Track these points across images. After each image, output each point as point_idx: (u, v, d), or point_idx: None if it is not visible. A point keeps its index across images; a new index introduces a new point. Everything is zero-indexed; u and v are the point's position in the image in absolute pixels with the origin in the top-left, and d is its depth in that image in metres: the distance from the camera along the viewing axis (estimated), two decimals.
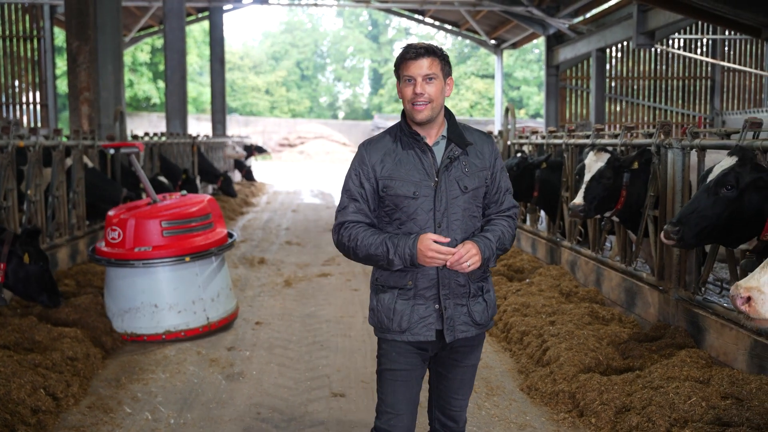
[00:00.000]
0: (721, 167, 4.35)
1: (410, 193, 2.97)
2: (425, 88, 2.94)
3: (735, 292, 2.66)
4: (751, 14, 10.59)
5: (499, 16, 23.90)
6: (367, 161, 3.04)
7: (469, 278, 3.03)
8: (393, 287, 3.04)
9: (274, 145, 48.24)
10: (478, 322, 3.07)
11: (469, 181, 3.02)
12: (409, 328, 3.01)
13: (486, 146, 3.12)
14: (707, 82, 23.35)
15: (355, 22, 62.36)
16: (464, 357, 3.14)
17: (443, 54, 3.01)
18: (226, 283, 6.90)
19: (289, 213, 16.92)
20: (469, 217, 3.03)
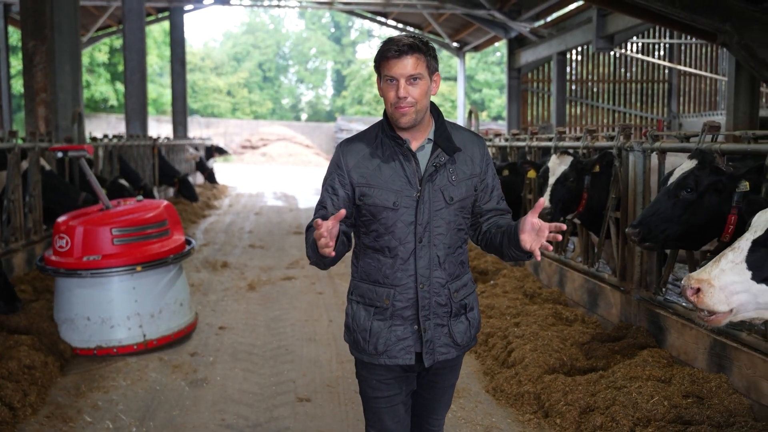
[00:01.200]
0: (682, 170, 4.42)
1: (390, 203, 2.69)
2: (409, 91, 2.63)
3: (686, 283, 2.71)
4: (707, 19, 10.81)
5: (461, 19, 24.05)
6: (343, 165, 2.76)
7: (451, 296, 2.79)
8: (369, 305, 2.78)
9: (237, 147, 47.78)
10: (459, 343, 2.83)
11: (456, 191, 2.74)
12: (386, 350, 2.76)
13: (477, 150, 2.83)
14: (665, 86, 23.80)
15: (317, 24, 62.16)
16: (443, 378, 2.94)
17: (429, 48, 2.68)
18: (181, 294, 6.54)
19: (252, 216, 16.77)
20: (454, 231, 2.77)
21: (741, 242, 2.72)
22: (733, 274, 2.65)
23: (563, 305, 6.76)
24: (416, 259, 2.72)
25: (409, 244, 2.71)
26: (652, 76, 23.83)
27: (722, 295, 2.64)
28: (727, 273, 2.66)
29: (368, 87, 56.17)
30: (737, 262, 2.67)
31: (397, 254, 2.73)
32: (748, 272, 2.65)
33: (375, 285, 2.77)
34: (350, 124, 46.97)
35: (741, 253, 2.69)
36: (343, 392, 5.23)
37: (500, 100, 49.53)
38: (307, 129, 51.36)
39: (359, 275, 2.84)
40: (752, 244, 2.69)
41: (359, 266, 2.84)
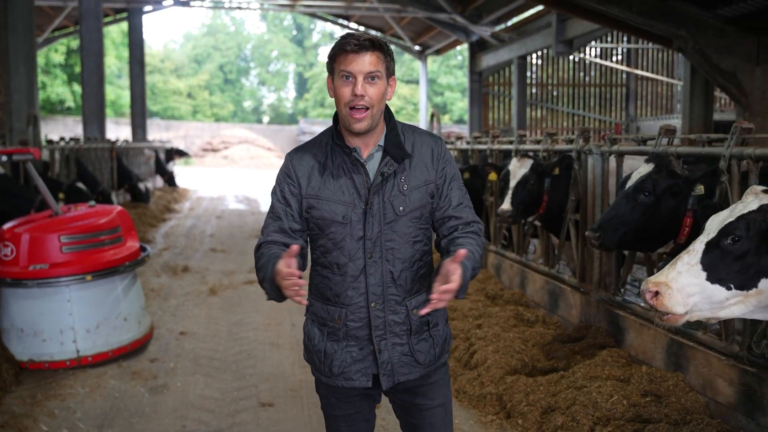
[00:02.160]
0: (639, 174, 4.50)
1: (338, 217, 2.50)
2: (367, 90, 2.43)
3: (645, 287, 2.76)
4: (663, 25, 11.03)
5: (423, 23, 24.17)
6: (293, 174, 2.57)
7: (410, 313, 2.58)
8: (322, 324, 2.61)
9: (197, 150, 47.27)
10: (421, 362, 2.61)
11: (407, 201, 2.53)
12: (342, 372, 2.58)
13: (433, 152, 2.60)
14: (622, 90, 24.24)
15: (279, 26, 61.85)
16: (426, 398, 2.68)
17: (388, 49, 2.50)
18: (127, 307, 6.17)
19: (214, 219, 16.60)
20: (409, 244, 2.55)
21: (695, 245, 2.79)
22: (689, 276, 2.72)
23: (525, 306, 6.83)
24: (366, 276, 2.53)
25: (359, 261, 2.51)
26: (611, 80, 24.26)
27: (680, 296, 2.70)
28: (683, 275, 2.72)
29: None
30: (692, 264, 2.74)
31: (347, 271, 2.54)
32: (703, 273, 2.72)
33: (326, 303, 2.59)
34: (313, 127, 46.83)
35: (696, 256, 2.75)
36: (306, 396, 5.20)
37: (462, 103, 49.87)
38: (269, 132, 51.06)
39: (312, 292, 2.66)
40: (706, 246, 2.76)
41: (312, 282, 2.66)
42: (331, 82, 2.52)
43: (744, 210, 2.76)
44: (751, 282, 2.73)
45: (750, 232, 2.71)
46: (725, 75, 11.12)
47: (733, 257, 2.72)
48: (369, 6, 22.59)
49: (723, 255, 2.73)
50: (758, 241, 2.71)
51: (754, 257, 2.71)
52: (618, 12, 11.10)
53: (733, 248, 2.72)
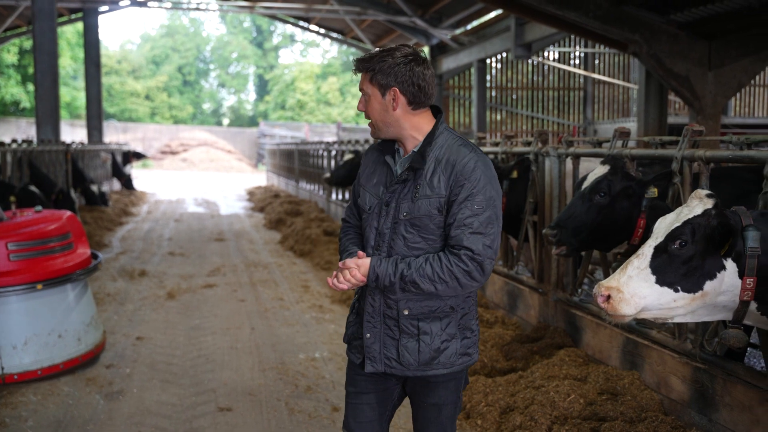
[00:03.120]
0: (595, 175, 4.57)
1: (367, 206, 2.78)
2: (365, 106, 2.73)
3: (597, 290, 2.84)
4: (619, 30, 11.24)
5: (383, 26, 24.21)
6: (363, 164, 2.93)
7: (400, 311, 2.68)
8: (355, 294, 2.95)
9: (156, 153, 46.64)
10: (404, 363, 2.69)
11: (413, 208, 2.63)
12: (349, 342, 2.89)
13: (456, 168, 2.59)
14: (580, 93, 24.61)
15: (239, 28, 61.36)
16: (422, 395, 2.83)
17: (373, 65, 2.65)
18: (66, 323, 5.75)
19: (172, 222, 16.38)
20: (408, 248, 2.66)
21: (644, 249, 2.86)
22: (639, 280, 2.79)
23: (484, 308, 6.88)
24: None
25: (369, 249, 2.75)
26: (568, 84, 24.62)
27: (630, 300, 2.78)
28: (634, 279, 2.79)
29: (291, 92, 55.85)
30: (642, 268, 2.81)
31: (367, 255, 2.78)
32: (652, 277, 2.79)
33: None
34: (273, 129, 46.58)
35: (645, 260, 2.82)
36: (266, 400, 5.15)
37: None
38: (229, 134, 50.63)
39: None
40: (654, 251, 2.83)
41: None
42: None
43: (689, 215, 2.83)
44: (697, 285, 2.80)
45: (695, 236, 2.78)
46: (678, 79, 11.38)
47: (680, 261, 2.78)
48: (329, 8, 22.55)
49: (670, 259, 2.79)
50: (703, 245, 2.78)
51: (699, 260, 2.78)
52: (575, 17, 11.27)
53: (679, 252, 2.79)
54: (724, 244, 2.77)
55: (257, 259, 11.15)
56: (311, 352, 6.28)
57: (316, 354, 6.24)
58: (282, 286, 9.06)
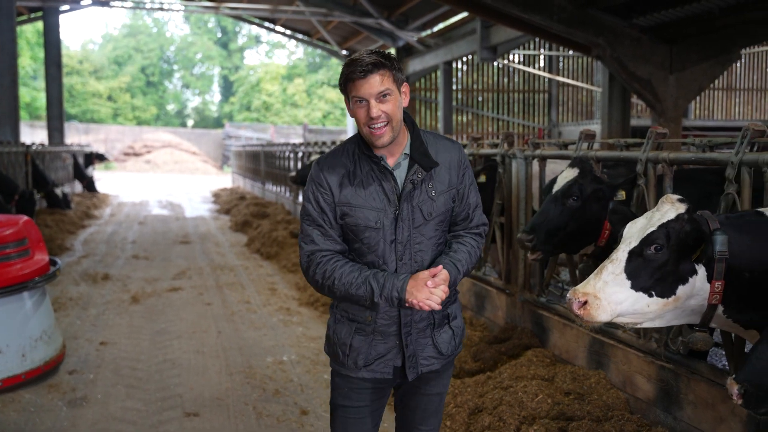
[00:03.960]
0: (565, 178, 4.61)
1: (371, 222, 2.63)
2: (381, 108, 2.55)
3: (572, 296, 2.81)
4: (583, 33, 11.39)
5: (350, 27, 24.19)
6: (325, 183, 2.66)
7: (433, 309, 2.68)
8: (352, 320, 2.74)
9: (119, 154, 45.96)
10: (444, 353, 2.79)
11: (435, 206, 2.69)
12: (366, 365, 2.74)
13: (454, 159, 2.74)
14: (545, 96, 24.88)
15: (203, 28, 60.79)
16: (428, 385, 2.86)
17: (393, 61, 2.59)
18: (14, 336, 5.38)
19: (136, 225, 16.15)
20: (435, 246, 2.72)
21: (618, 253, 2.86)
22: (615, 285, 2.79)
23: None
24: None
25: (392, 264, 2.66)
26: (533, 86, 24.86)
27: (606, 306, 2.77)
28: (609, 284, 2.79)
29: (257, 93, 55.51)
30: (617, 273, 2.81)
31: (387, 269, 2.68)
32: (627, 282, 2.80)
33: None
34: (239, 131, 46.24)
35: (619, 265, 2.83)
36: (233, 405, 5.10)
37: None
38: (194, 136, 50.13)
39: None
40: (629, 255, 2.83)
41: None
42: (348, 105, 2.65)
43: (663, 219, 2.85)
44: (670, 290, 2.82)
45: (670, 241, 2.80)
46: (641, 82, 11.56)
47: (655, 266, 2.80)
48: (295, 9, 22.47)
49: (645, 263, 2.80)
50: (677, 249, 2.81)
51: (673, 265, 2.81)
52: (540, 20, 11.39)
53: (655, 257, 2.80)
54: (696, 249, 2.80)
55: (223, 262, 11.05)
56: (279, 356, 6.24)
57: (284, 357, 6.20)
58: (249, 289, 8.99)
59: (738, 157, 3.59)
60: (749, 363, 2.38)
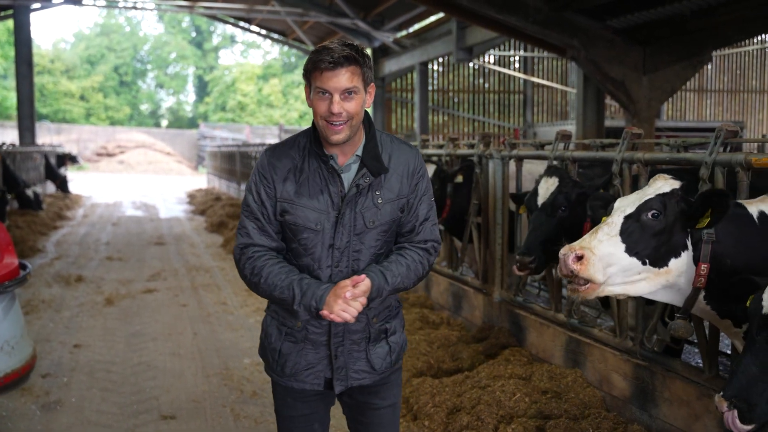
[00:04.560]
0: (545, 188, 4.63)
1: (311, 224, 2.49)
2: (344, 106, 2.40)
3: (567, 251, 2.76)
4: (558, 35, 11.48)
5: (326, 28, 24.12)
6: (269, 176, 2.52)
7: (369, 321, 2.61)
8: (282, 324, 2.61)
9: (91, 155, 45.39)
10: (376, 369, 2.64)
11: (379, 214, 2.53)
12: (294, 374, 2.60)
13: (409, 167, 2.58)
14: (520, 96, 25.04)
15: (177, 28, 60.25)
16: (378, 398, 2.72)
17: (365, 58, 2.44)
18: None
19: (109, 226, 15.96)
20: (375, 256, 2.57)
21: (614, 218, 2.86)
22: (609, 245, 2.79)
23: (429, 309, 6.91)
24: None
25: (327, 270, 2.52)
26: (509, 87, 25.01)
27: (600, 264, 2.76)
28: (604, 244, 2.79)
29: (232, 93, 55.15)
30: (612, 234, 2.81)
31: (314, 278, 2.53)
32: (622, 245, 2.80)
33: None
34: (214, 131, 45.90)
35: (615, 227, 2.83)
36: (210, 407, 5.06)
37: None
38: (168, 136, 49.67)
39: None
40: (624, 219, 2.84)
41: None
42: (308, 93, 2.49)
43: (659, 191, 2.89)
44: (663, 260, 2.84)
45: (667, 210, 2.84)
46: (615, 83, 11.68)
47: (650, 233, 2.82)
48: (271, 9, 22.35)
49: (641, 229, 2.82)
50: (672, 220, 2.84)
51: (667, 235, 2.83)
52: (515, 21, 11.45)
53: (652, 223, 2.82)
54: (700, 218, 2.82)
55: (199, 263, 10.96)
56: (256, 357, 6.20)
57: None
58: (225, 290, 8.93)
59: (712, 158, 3.64)
60: (735, 378, 2.39)
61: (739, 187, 3.55)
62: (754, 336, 2.40)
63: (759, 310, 2.41)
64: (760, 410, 2.33)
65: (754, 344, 2.39)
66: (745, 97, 24.90)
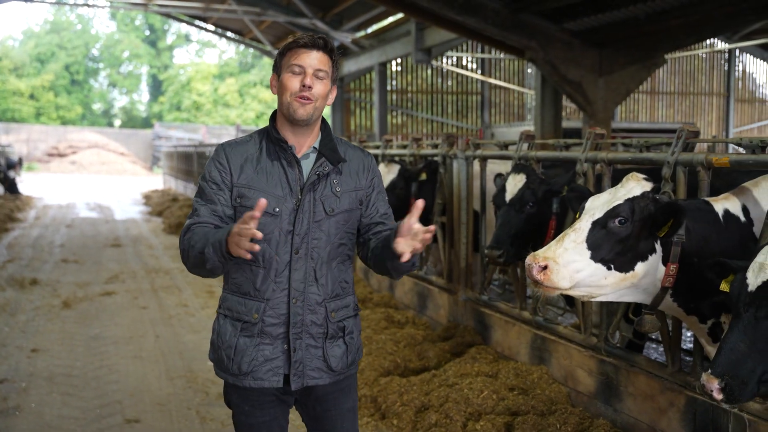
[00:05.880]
0: (513, 185, 4.69)
1: (270, 209, 2.51)
2: (314, 83, 2.53)
3: (531, 261, 2.79)
4: (517, 37, 11.63)
5: (283, 27, 23.97)
6: (225, 163, 2.59)
7: (328, 316, 2.61)
8: (237, 319, 2.59)
9: (42, 155, 44.30)
10: (334, 369, 2.64)
11: (338, 202, 2.61)
12: (252, 371, 2.56)
13: (362, 164, 2.72)
14: (478, 97, 25.25)
15: (130, 26, 59.15)
16: (335, 403, 2.71)
17: (336, 55, 2.63)
18: None
19: (63, 228, 15.60)
20: (335, 245, 2.63)
21: (581, 223, 2.89)
22: (575, 253, 2.81)
23: (394, 309, 6.94)
24: (291, 271, 2.56)
25: (285, 255, 2.55)
26: (466, 88, 25.20)
27: (566, 272, 2.78)
28: (570, 252, 2.81)
29: (187, 93, 54.39)
30: (578, 242, 2.84)
31: (271, 265, 2.56)
32: (588, 252, 2.83)
33: (245, 297, 2.58)
34: (169, 131, 45.24)
35: (582, 234, 2.86)
36: (175, 410, 5.00)
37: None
38: (122, 136, 48.77)
39: (229, 286, 2.65)
40: (592, 225, 2.87)
41: (230, 276, 2.64)
42: (276, 78, 2.62)
43: (629, 194, 2.92)
44: (629, 265, 2.88)
45: (635, 215, 2.87)
46: (572, 85, 11.88)
47: (617, 239, 2.85)
48: (228, 8, 22.12)
49: (608, 235, 2.85)
50: (640, 225, 2.88)
51: (634, 240, 2.87)
52: (474, 23, 11.56)
53: (618, 230, 2.85)
54: (662, 227, 2.86)
55: (158, 265, 10.80)
56: None
57: None
58: (186, 292, 8.81)
59: (674, 157, 3.74)
60: (723, 355, 2.37)
61: (700, 185, 3.65)
62: (741, 313, 2.40)
63: (744, 288, 2.41)
64: (749, 388, 2.34)
65: (740, 321, 2.39)
66: (695, 99, 25.56)
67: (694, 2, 10.40)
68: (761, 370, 2.34)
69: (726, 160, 3.52)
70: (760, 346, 2.34)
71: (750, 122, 25.91)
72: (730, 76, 25.43)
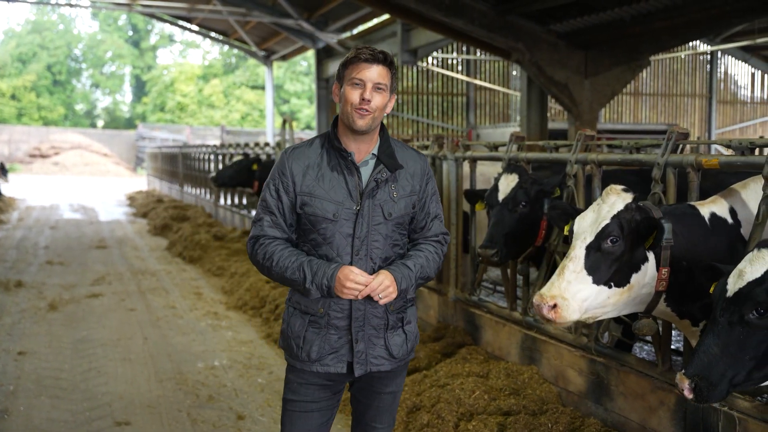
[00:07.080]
0: (506, 184, 4.71)
1: (330, 214, 2.72)
2: (374, 96, 2.69)
3: (539, 302, 2.85)
4: (503, 38, 11.67)
5: (269, 28, 23.93)
6: (288, 172, 2.77)
7: (387, 309, 2.81)
8: (305, 312, 2.80)
9: (24, 156, 43.89)
10: (395, 356, 2.85)
11: (395, 207, 2.79)
12: (319, 359, 2.79)
13: (418, 168, 2.87)
14: (463, 99, 25.32)
15: (113, 26, 58.75)
16: (383, 384, 2.93)
17: (395, 68, 2.80)
18: None
19: (47, 230, 15.47)
20: (390, 246, 2.81)
21: (575, 251, 2.93)
22: (578, 282, 2.87)
23: None
24: None
25: (347, 257, 2.73)
26: (452, 90, 25.26)
27: (575, 304, 2.84)
28: (573, 283, 2.86)
29: (170, 93, 54.07)
30: (578, 270, 2.90)
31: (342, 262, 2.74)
32: (589, 278, 2.89)
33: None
34: (153, 132, 44.98)
35: (579, 262, 2.91)
36: (166, 412, 4.97)
37: (309, 110, 49.93)
38: (105, 137, 48.42)
39: None
40: (586, 251, 2.92)
41: None
42: (339, 88, 2.78)
43: (612, 210, 2.96)
44: (626, 278, 2.93)
45: (624, 232, 2.91)
46: (558, 86, 11.95)
47: (613, 258, 2.91)
48: (212, 9, 22.05)
49: (603, 257, 2.90)
50: (630, 239, 2.92)
51: (628, 255, 2.92)
52: (461, 24, 11.59)
53: (612, 249, 2.91)
54: (648, 237, 2.92)
55: (144, 267, 10.74)
56: (210, 361, 6.12)
57: (215, 362, 6.09)
58: (173, 294, 8.77)
59: (664, 159, 3.78)
60: (697, 357, 2.45)
61: (690, 186, 3.70)
62: (717, 317, 2.47)
63: (724, 294, 2.47)
64: (719, 390, 2.41)
65: (716, 325, 2.46)
66: (678, 101, 25.79)
67: (678, 5, 10.50)
68: (732, 373, 2.42)
69: (716, 162, 3.56)
70: (731, 350, 2.41)
71: (732, 124, 26.18)
72: (712, 78, 25.69)
